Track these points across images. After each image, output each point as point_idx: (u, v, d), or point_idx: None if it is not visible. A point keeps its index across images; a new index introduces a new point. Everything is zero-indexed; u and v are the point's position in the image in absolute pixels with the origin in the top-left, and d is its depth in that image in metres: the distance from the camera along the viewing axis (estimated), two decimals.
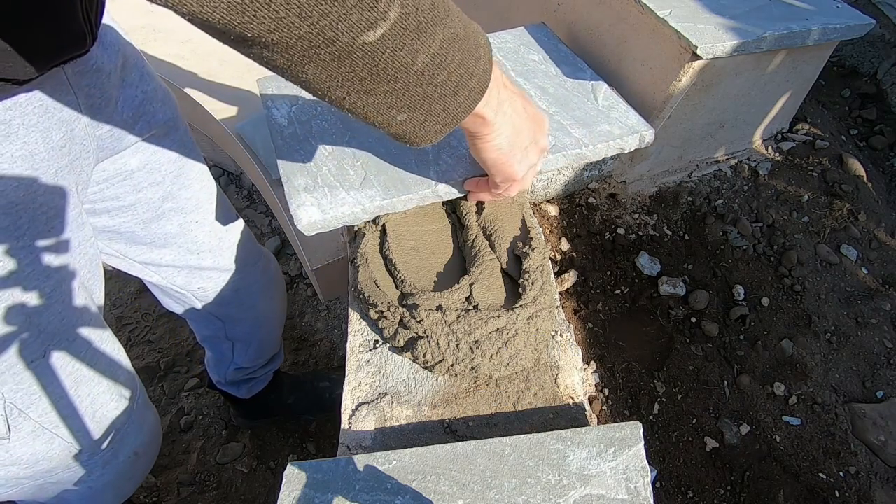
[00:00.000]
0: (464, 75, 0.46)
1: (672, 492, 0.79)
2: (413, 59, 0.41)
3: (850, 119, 1.37)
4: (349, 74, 0.40)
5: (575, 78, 0.87)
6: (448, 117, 0.48)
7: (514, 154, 0.57)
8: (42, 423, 0.67)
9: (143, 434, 0.84)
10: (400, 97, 0.44)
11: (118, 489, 0.85)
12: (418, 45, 0.41)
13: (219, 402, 1.47)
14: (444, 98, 0.46)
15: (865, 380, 0.90)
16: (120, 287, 1.73)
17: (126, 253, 0.84)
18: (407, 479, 0.49)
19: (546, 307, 0.64)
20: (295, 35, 0.35)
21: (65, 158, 0.61)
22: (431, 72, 0.43)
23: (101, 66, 0.64)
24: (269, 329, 1.14)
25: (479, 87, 0.48)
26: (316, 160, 0.70)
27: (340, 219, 0.66)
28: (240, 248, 0.97)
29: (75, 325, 0.67)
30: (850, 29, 0.90)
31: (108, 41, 0.67)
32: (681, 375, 0.88)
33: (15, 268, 0.58)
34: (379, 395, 0.61)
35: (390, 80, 0.42)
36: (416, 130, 0.48)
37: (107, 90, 0.66)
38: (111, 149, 0.72)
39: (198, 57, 1.56)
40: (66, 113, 0.60)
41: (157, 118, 0.77)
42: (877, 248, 1.04)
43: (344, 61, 0.39)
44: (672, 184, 1.06)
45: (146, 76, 0.75)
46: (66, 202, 0.63)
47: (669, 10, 0.81)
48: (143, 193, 0.79)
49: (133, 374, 0.82)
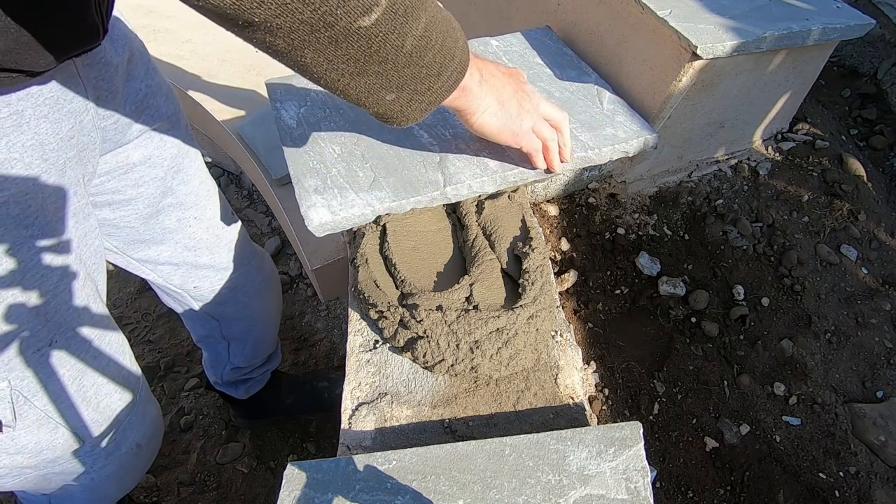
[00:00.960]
0: (447, 56, 0.50)
1: (672, 492, 0.79)
2: (402, 41, 0.45)
3: (850, 119, 1.37)
4: (344, 57, 0.43)
5: (580, 82, 0.87)
6: (433, 95, 0.52)
7: (508, 119, 0.62)
8: (47, 411, 0.67)
9: (145, 426, 0.85)
10: (390, 78, 0.47)
11: (120, 480, 0.86)
12: (407, 28, 0.44)
13: (219, 402, 1.47)
14: (429, 78, 0.50)
15: (865, 380, 0.90)
16: (120, 287, 1.73)
17: (124, 249, 0.85)
18: (407, 479, 0.49)
19: (546, 307, 0.64)
20: (298, 19, 0.38)
21: (73, 149, 0.62)
22: (419, 53, 0.47)
23: (109, 59, 0.65)
24: (265, 329, 1.14)
25: (460, 66, 0.53)
26: (325, 162, 0.71)
27: (350, 220, 0.66)
28: (236, 247, 0.97)
29: (81, 316, 0.68)
30: (850, 29, 0.90)
31: (116, 35, 0.68)
32: (681, 375, 0.88)
33: (23, 257, 0.59)
34: (379, 395, 0.61)
35: (382, 62, 0.45)
36: (403, 109, 0.52)
37: (114, 82, 0.67)
38: (115, 141, 0.72)
39: (198, 57, 1.56)
40: (76, 104, 0.61)
41: (161, 112, 0.77)
42: (877, 248, 1.04)
43: (341, 44, 0.42)
44: (672, 184, 1.06)
45: (151, 70, 0.76)
46: (74, 193, 0.64)
47: (669, 10, 0.81)
48: (144, 188, 0.79)
49: (136, 367, 0.83)
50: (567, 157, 0.70)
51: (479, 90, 0.58)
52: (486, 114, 0.61)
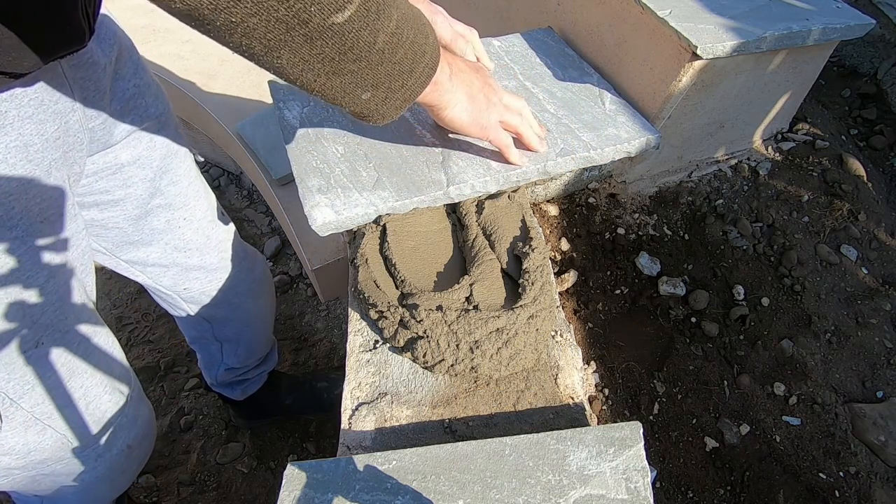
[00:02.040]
0: (417, 52, 0.51)
1: (672, 492, 0.79)
2: (375, 38, 0.45)
3: (850, 119, 1.37)
4: (319, 56, 0.43)
5: (581, 82, 0.87)
6: (407, 92, 0.53)
7: (478, 113, 0.64)
8: (34, 413, 0.67)
9: (136, 428, 0.84)
10: (364, 76, 0.48)
11: (112, 482, 0.86)
12: (379, 25, 0.45)
13: (219, 402, 1.47)
14: (402, 75, 0.51)
15: (865, 380, 0.90)
16: (120, 287, 1.73)
17: (113, 251, 0.84)
18: (407, 479, 0.49)
19: (546, 307, 0.64)
20: (273, 17, 0.38)
21: (59, 150, 0.62)
22: (391, 49, 0.47)
23: (96, 59, 0.65)
24: (258, 329, 1.13)
25: (431, 62, 0.53)
26: (328, 161, 0.71)
27: (354, 220, 0.66)
28: (226, 247, 0.96)
29: (69, 317, 0.68)
30: (850, 29, 0.90)
31: (104, 34, 0.67)
32: (681, 375, 0.88)
33: (8, 258, 0.58)
34: (379, 395, 0.61)
35: (356, 60, 0.46)
36: (379, 107, 0.52)
37: (101, 82, 0.67)
38: (103, 141, 0.72)
39: (198, 57, 1.56)
40: (62, 105, 0.61)
41: (150, 112, 0.77)
42: (877, 248, 1.04)
43: (315, 42, 0.42)
44: (672, 184, 1.06)
45: (140, 70, 0.75)
46: (59, 194, 0.64)
47: (669, 10, 0.81)
48: (133, 189, 0.79)
49: (127, 369, 0.82)
50: (534, 144, 0.72)
51: (451, 85, 0.59)
52: (457, 108, 0.62)
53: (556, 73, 0.89)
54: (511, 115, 0.68)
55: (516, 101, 0.70)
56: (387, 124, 0.58)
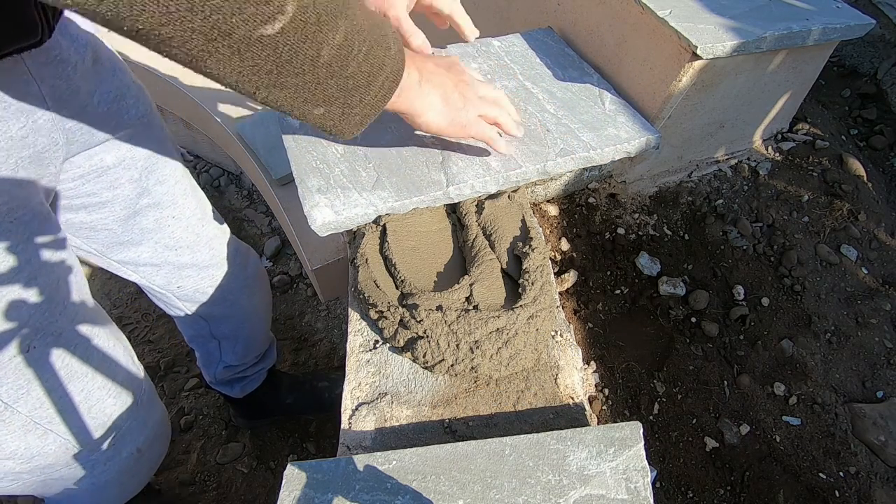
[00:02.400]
0: (374, 66, 0.48)
1: (672, 492, 0.79)
2: (318, 51, 0.42)
3: (850, 119, 1.37)
4: (253, 68, 0.41)
5: (581, 82, 0.87)
6: (366, 108, 0.50)
7: (455, 113, 0.62)
8: (33, 417, 0.66)
9: (147, 431, 0.84)
10: (312, 91, 0.45)
11: (122, 486, 0.85)
12: (321, 38, 0.42)
13: (219, 402, 1.47)
14: (357, 90, 0.48)
15: (865, 380, 0.90)
16: (120, 287, 1.73)
17: (104, 252, 0.84)
18: (407, 479, 0.49)
19: (546, 307, 0.64)
20: (188, 28, 0.35)
21: (27, 149, 0.60)
22: (339, 63, 0.45)
23: (65, 57, 0.63)
24: (255, 326, 1.13)
25: (392, 75, 0.51)
26: (328, 162, 0.71)
27: (353, 220, 0.66)
28: (217, 244, 0.96)
29: (60, 320, 0.67)
30: (850, 29, 0.90)
31: (75, 33, 0.66)
32: (681, 375, 0.88)
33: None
34: (379, 395, 0.61)
35: (297, 74, 0.43)
36: (337, 123, 0.50)
37: (73, 81, 0.65)
38: (83, 143, 0.71)
39: None
40: (27, 102, 0.59)
41: (132, 113, 0.77)
42: (877, 248, 1.04)
43: (244, 54, 0.39)
44: (672, 184, 1.06)
45: (119, 71, 0.74)
46: (29, 193, 0.62)
47: (669, 10, 0.81)
48: (120, 190, 0.78)
49: (135, 371, 0.82)
50: (513, 130, 0.70)
51: (421, 90, 0.58)
52: (432, 112, 0.60)
53: (556, 73, 0.89)
54: (489, 108, 0.67)
55: (491, 90, 0.69)
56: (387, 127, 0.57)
